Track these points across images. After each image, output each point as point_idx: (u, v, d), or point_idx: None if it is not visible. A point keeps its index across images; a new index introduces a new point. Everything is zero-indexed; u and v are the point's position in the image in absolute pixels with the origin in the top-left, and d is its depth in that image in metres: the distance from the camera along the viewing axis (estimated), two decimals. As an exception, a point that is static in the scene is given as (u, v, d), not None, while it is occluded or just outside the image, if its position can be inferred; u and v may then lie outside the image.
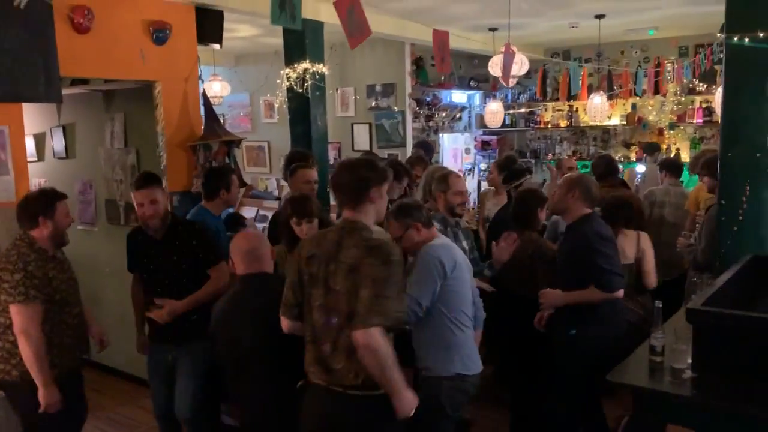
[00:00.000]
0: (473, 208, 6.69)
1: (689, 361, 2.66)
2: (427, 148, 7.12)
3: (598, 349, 3.33)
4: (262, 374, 2.87)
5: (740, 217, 3.37)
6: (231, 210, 4.45)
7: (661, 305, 2.85)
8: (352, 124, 8.64)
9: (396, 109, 8.25)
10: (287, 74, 5.55)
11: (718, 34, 4.58)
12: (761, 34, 3.41)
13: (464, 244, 3.78)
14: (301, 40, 5.43)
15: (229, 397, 3.44)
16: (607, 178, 5.59)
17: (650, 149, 8.05)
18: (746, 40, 3.49)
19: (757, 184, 3.49)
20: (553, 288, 3.49)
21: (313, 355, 2.53)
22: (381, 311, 2.32)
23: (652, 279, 4.04)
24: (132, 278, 3.78)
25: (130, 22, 4.35)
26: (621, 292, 3.37)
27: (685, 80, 8.09)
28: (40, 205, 3.16)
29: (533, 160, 9.90)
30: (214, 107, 5.35)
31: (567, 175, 3.94)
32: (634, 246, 4.02)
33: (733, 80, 3.62)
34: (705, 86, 8.22)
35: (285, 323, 2.63)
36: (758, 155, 3.48)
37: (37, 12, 3.66)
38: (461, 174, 8.23)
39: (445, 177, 3.83)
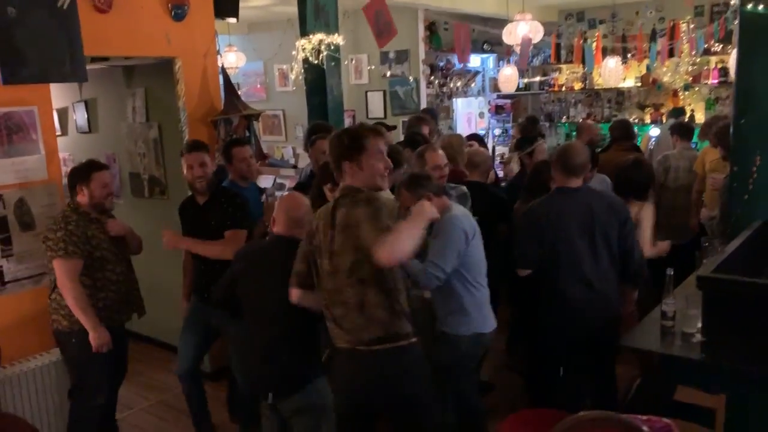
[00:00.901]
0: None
1: (699, 325, 2.78)
2: (429, 113, 7.18)
3: (557, 333, 3.48)
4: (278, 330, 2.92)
5: (750, 186, 3.43)
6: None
7: (672, 272, 2.95)
8: (366, 92, 8.68)
9: (410, 76, 8.27)
10: (302, 46, 5.59)
11: (732, 2, 4.56)
12: (776, 3, 3.43)
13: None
14: (317, 11, 5.46)
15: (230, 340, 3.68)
16: (621, 141, 5.66)
17: (675, 114, 7.93)
18: (760, 7, 3.50)
19: (768, 151, 3.54)
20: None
21: (331, 322, 2.68)
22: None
23: (646, 249, 4.06)
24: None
25: (149, -1, 4.42)
26: (524, 271, 3.48)
27: (699, 36, 7.99)
28: (79, 174, 3.55)
29: (548, 124, 9.91)
30: (229, 77, 5.44)
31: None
32: (634, 216, 4.08)
33: (746, 48, 3.63)
34: (720, 47, 8.15)
35: (295, 293, 2.76)
36: (771, 123, 3.53)
37: (61, -7, 3.74)
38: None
39: (421, 153, 3.91)
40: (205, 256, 3.73)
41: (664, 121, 8.35)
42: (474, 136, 7.24)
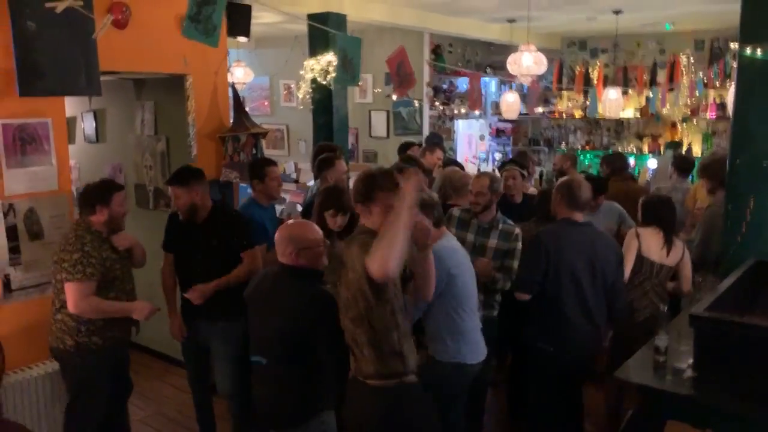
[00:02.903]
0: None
1: (690, 361, 2.86)
2: (434, 138, 7.37)
3: (555, 356, 3.53)
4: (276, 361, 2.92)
5: (743, 228, 3.53)
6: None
7: (666, 308, 3.04)
8: (369, 111, 8.79)
9: (413, 97, 8.39)
10: (311, 66, 5.71)
11: (732, 45, 4.69)
12: (774, 47, 3.54)
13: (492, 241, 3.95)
14: (325, 34, 5.57)
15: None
16: (620, 172, 5.79)
17: (673, 146, 8.12)
18: (759, 52, 3.63)
19: (763, 191, 3.65)
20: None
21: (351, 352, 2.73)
22: None
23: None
24: (164, 260, 3.95)
25: (164, 16, 4.51)
26: (523, 296, 3.54)
27: (698, 79, 8.14)
28: (98, 194, 3.48)
29: (547, 149, 10.05)
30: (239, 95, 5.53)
31: (561, 179, 3.96)
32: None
33: (744, 90, 3.76)
34: (719, 82, 8.30)
35: None
36: (765, 164, 3.63)
37: (78, 10, 3.82)
38: (473, 163, 8.43)
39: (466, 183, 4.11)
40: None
41: (662, 152, 8.49)
42: (452, 161, 7.40)
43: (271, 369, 2.92)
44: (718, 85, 8.29)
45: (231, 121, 5.11)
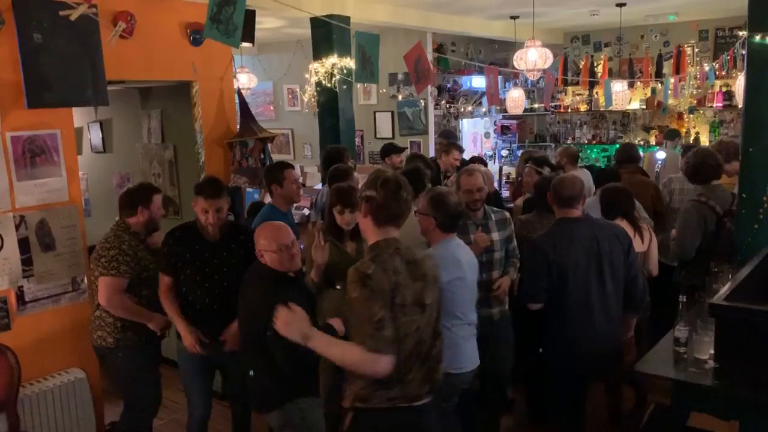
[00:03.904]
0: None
1: (711, 351, 2.84)
2: (448, 136, 7.31)
3: (565, 354, 3.44)
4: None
5: (761, 215, 3.50)
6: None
7: (684, 299, 3.01)
8: (374, 112, 8.79)
9: (418, 98, 8.37)
10: (316, 69, 5.70)
11: (740, 33, 4.65)
12: (783, 34, 3.52)
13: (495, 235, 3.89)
14: (329, 36, 5.57)
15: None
16: (626, 164, 5.73)
17: (670, 136, 8.10)
18: (768, 39, 3.60)
19: (778, 179, 3.62)
20: None
21: None
22: None
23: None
24: (161, 284, 3.53)
25: (169, 25, 4.52)
26: (534, 306, 3.44)
27: (710, 68, 8.08)
28: (141, 196, 3.67)
29: (553, 144, 10.00)
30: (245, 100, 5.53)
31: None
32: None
33: (754, 78, 3.73)
34: (725, 71, 8.25)
35: None
36: (779, 151, 3.61)
37: (84, 20, 3.83)
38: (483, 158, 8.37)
39: (458, 177, 3.96)
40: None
41: (665, 144, 8.43)
42: (443, 134, 7.42)
43: (245, 353, 3.05)
44: (723, 74, 8.25)
45: (238, 126, 5.11)
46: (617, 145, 8.57)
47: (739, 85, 6.93)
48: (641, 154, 6.68)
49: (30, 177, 3.81)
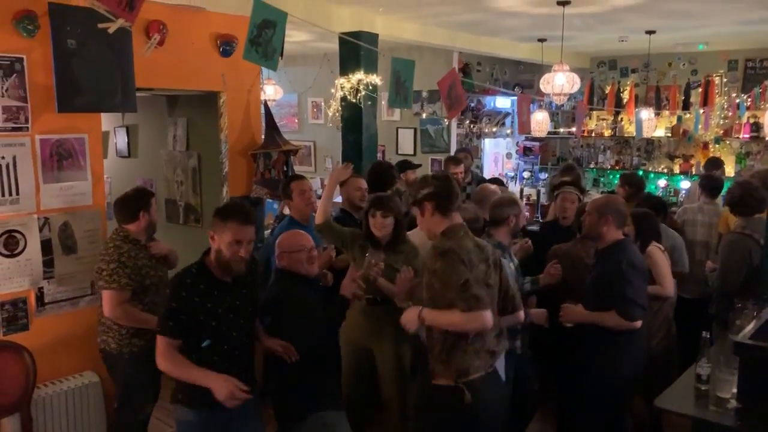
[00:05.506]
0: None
1: (734, 390, 2.77)
2: (457, 152, 7.33)
3: (613, 375, 3.39)
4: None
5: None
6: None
7: (708, 335, 2.95)
8: (397, 128, 8.80)
9: (442, 116, 8.37)
10: (341, 84, 5.72)
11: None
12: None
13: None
14: (357, 52, 5.59)
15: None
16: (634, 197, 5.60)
17: (712, 165, 7.79)
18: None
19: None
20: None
21: None
22: None
23: None
24: (159, 348, 2.71)
25: (200, 35, 4.56)
26: (639, 323, 3.34)
27: (741, 100, 7.98)
28: (141, 201, 3.61)
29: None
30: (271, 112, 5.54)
31: (594, 198, 3.83)
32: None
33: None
34: (756, 103, 8.14)
35: None
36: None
37: (118, 29, 3.88)
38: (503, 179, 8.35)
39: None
40: None
41: (702, 170, 8.19)
42: (460, 150, 7.35)
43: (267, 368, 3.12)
44: (749, 102, 8.14)
45: (262, 137, 5.13)
46: (641, 171, 8.48)
47: (767, 117, 6.84)
48: (662, 183, 6.55)
49: (56, 180, 3.84)
